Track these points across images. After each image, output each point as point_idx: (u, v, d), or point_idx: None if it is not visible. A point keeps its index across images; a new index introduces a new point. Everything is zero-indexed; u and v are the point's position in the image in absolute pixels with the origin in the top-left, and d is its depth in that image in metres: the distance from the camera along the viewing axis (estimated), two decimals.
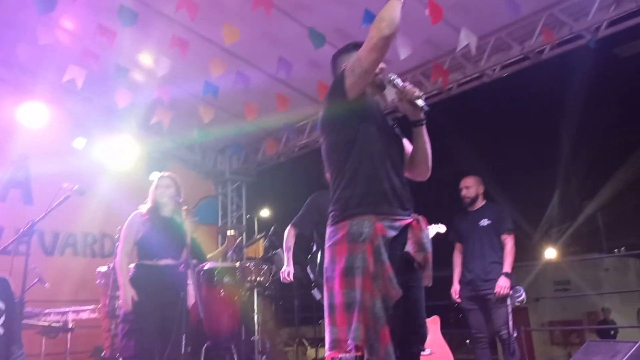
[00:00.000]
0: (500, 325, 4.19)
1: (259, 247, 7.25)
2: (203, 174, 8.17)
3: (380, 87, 2.40)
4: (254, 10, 4.38)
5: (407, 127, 2.45)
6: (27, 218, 4.43)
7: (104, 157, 6.39)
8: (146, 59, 5.68)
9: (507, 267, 4.28)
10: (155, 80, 5.63)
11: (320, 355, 7.28)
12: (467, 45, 4.83)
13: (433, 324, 4.25)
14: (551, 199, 14.72)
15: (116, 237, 4.47)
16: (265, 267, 4.91)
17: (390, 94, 5.72)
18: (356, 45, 2.40)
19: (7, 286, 3.74)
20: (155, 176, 3.98)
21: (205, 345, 4.32)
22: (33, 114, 5.87)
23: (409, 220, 2.16)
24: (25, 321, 4.12)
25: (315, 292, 3.78)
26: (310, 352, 7.28)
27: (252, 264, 4.84)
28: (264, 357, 4.62)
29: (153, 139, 7.16)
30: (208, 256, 5.19)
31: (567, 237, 14.90)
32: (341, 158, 2.22)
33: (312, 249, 4.02)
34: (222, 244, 7.91)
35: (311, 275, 3.80)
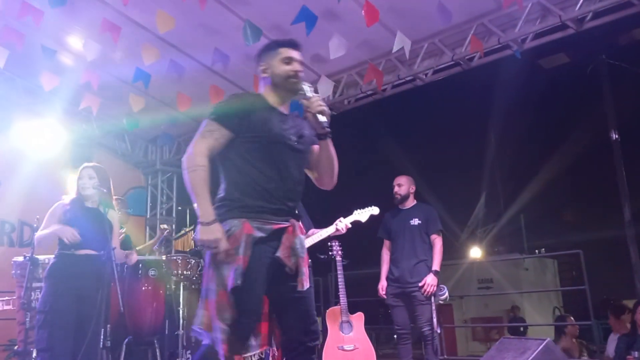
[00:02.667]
0: (423, 322, 4.33)
1: (189, 240, 7.14)
2: (132, 163, 7.93)
3: (293, 93, 2.42)
4: (190, 0, 4.30)
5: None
6: None
7: (25, 142, 6.07)
8: (75, 42, 5.44)
9: (436, 265, 4.44)
10: (84, 65, 5.41)
11: None
12: (401, 49, 4.96)
13: (357, 320, 4.35)
14: (478, 200, 15.37)
15: (35, 225, 4.27)
16: (193, 260, 4.84)
17: (323, 92, 5.82)
18: (278, 44, 2.43)
19: None
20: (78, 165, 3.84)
21: (126, 340, 4.22)
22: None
23: (283, 225, 2.25)
24: None
25: None
26: None
27: (179, 257, 4.76)
28: (189, 352, 4.56)
29: (80, 126, 6.87)
30: (137, 248, 5.06)
31: (491, 237, 15.58)
32: (226, 165, 2.34)
33: None
34: (151, 236, 7.74)
35: None
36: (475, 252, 15.08)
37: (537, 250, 13.80)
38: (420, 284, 4.32)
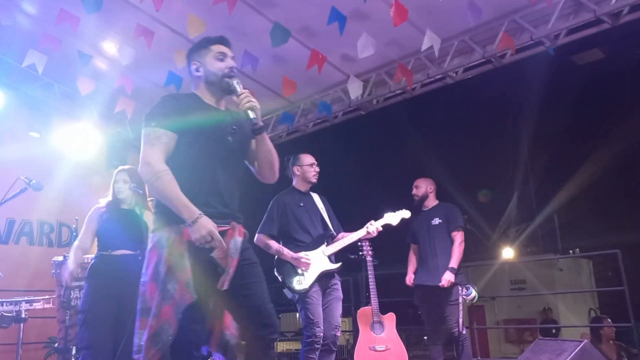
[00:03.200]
0: (452, 322, 4.30)
1: None
2: None
3: (227, 91, 2.41)
4: (220, 3, 4.36)
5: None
6: None
7: (63, 145, 6.25)
8: (110, 47, 5.58)
9: (453, 262, 4.41)
10: (118, 69, 5.54)
11: (279, 349, 7.33)
12: (431, 47, 4.93)
13: (389, 321, 4.34)
14: (509, 200, 15.11)
15: (74, 226, 4.41)
16: None
17: (353, 92, 5.83)
18: (209, 41, 2.46)
19: None
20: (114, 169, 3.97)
21: None
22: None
23: (221, 228, 2.23)
24: None
25: (286, 292, 3.80)
26: None
27: None
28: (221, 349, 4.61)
29: (114, 129, 7.04)
30: None
31: (524, 237, 15.30)
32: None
33: None
34: None
35: (279, 277, 3.81)
36: (508, 253, 14.84)
37: (571, 251, 13.52)
38: (440, 284, 4.30)
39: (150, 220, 3.79)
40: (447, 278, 4.31)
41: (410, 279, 4.68)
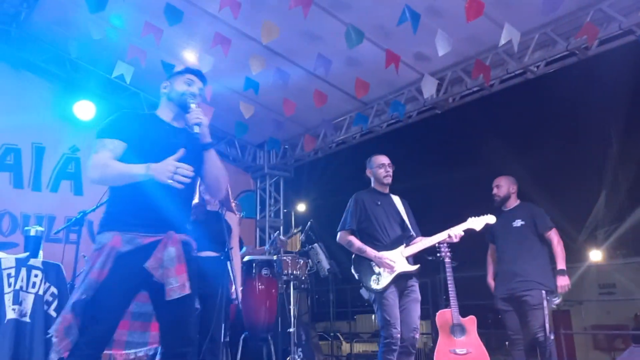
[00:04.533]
0: (536, 327, 4.13)
1: (296, 241, 7.35)
2: (242, 168, 8.33)
3: (182, 107, 2.50)
4: (294, 8, 4.45)
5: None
6: (77, 208, 4.66)
7: None
8: (190, 56, 5.84)
9: (560, 263, 4.23)
10: None
11: (355, 350, 7.34)
12: (509, 42, 4.76)
13: (470, 324, 4.22)
14: (597, 200, 14.27)
15: None
16: (302, 261, 4.98)
17: (427, 91, 5.74)
18: (187, 70, 2.62)
19: (60, 272, 3.96)
20: None
21: (243, 336, 4.44)
22: (83, 108, 6.12)
23: (155, 238, 2.30)
24: None
25: (363, 292, 3.81)
26: (345, 346, 7.34)
27: (289, 257, 4.92)
28: (300, 349, 4.70)
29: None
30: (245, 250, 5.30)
31: (614, 239, 14.43)
32: None
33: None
34: (261, 238, 8.08)
35: (356, 275, 3.83)
36: (595, 255, 14.03)
37: None
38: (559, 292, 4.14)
39: (234, 221, 3.94)
40: (562, 283, 4.15)
41: (491, 286, 4.52)
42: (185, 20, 4.79)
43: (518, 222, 4.40)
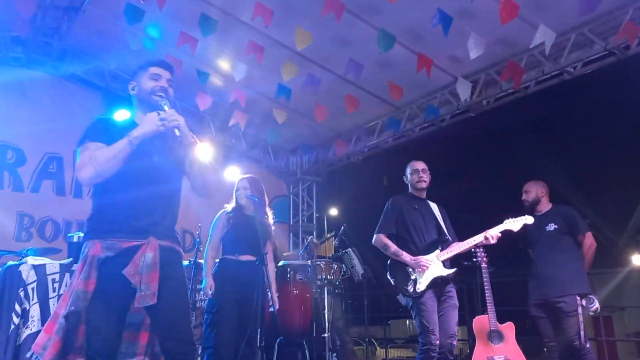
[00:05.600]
0: (572, 335, 4.01)
1: (330, 246, 7.36)
2: (275, 173, 8.39)
3: (154, 107, 2.38)
4: (326, 14, 4.48)
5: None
6: None
7: None
8: (224, 64, 5.94)
9: (586, 267, 4.17)
10: (232, 84, 5.87)
11: (390, 356, 7.29)
12: (542, 43, 4.68)
13: (508, 330, 4.14)
14: (638, 202, 13.80)
15: (197, 233, 4.73)
16: (335, 265, 4.99)
17: (462, 93, 5.68)
18: (149, 64, 2.49)
19: None
20: (236, 176, 4.24)
21: (278, 341, 4.47)
22: (123, 117, 6.28)
23: (135, 243, 2.24)
24: None
25: (401, 298, 3.80)
26: (380, 352, 7.29)
27: (323, 262, 4.94)
28: (334, 354, 4.70)
29: (230, 141, 7.47)
30: (284, 254, 5.35)
31: None
32: (94, 186, 2.40)
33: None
34: (294, 242, 8.13)
35: (392, 281, 3.81)
36: (637, 260, 13.57)
37: None
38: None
39: (269, 226, 3.99)
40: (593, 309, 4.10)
41: None
42: (219, 29, 4.88)
43: (551, 226, 4.31)
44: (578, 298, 4.05)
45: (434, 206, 3.99)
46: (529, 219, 3.88)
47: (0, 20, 5.54)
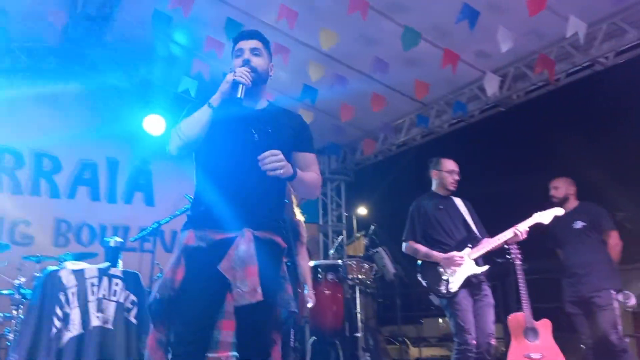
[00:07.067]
0: (607, 329, 3.96)
1: (360, 245, 7.35)
2: None
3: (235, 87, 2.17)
4: (351, 13, 4.48)
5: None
6: (149, 218, 4.88)
7: None
8: None
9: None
10: None
11: (423, 355, 7.23)
12: (575, 34, 4.58)
13: (544, 328, 4.08)
14: None
15: None
16: (366, 265, 4.99)
17: (490, 88, 5.59)
18: (233, 40, 2.36)
19: (139, 280, 4.16)
20: None
21: (311, 340, 4.48)
22: (153, 123, 6.41)
23: (228, 235, 2.08)
24: None
25: (433, 298, 3.77)
26: (413, 350, 7.25)
27: (354, 261, 4.94)
28: (368, 354, 4.70)
29: None
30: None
31: None
32: (194, 173, 2.28)
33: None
34: (324, 243, 8.14)
35: (424, 283, 3.78)
36: None
37: None
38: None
39: (302, 227, 3.99)
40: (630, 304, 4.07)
41: None
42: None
43: (578, 224, 4.30)
44: (613, 292, 4.03)
45: (459, 202, 3.93)
46: (559, 211, 3.84)
47: (34, 32, 5.70)
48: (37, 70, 6.22)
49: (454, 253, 3.66)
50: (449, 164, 3.96)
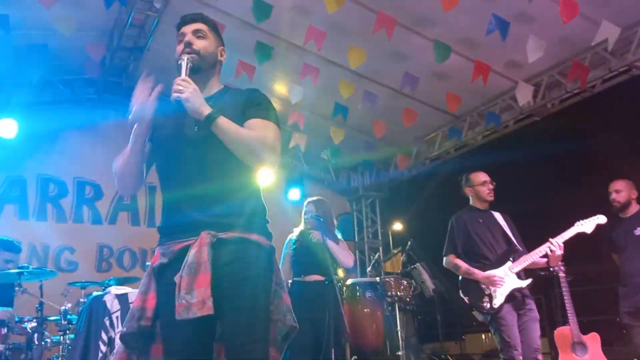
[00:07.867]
0: None
1: (397, 261, 7.28)
2: (338, 192, 8.42)
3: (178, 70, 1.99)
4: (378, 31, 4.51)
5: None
6: None
7: None
8: (281, 88, 6.08)
9: None
10: (289, 107, 6.00)
11: None
12: (606, 40, 4.49)
13: (592, 341, 3.94)
14: None
15: None
16: (405, 281, 4.93)
17: (523, 98, 5.52)
18: (176, 28, 2.13)
19: None
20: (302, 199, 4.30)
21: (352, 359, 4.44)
22: None
23: (187, 242, 1.82)
24: None
25: (477, 314, 3.69)
26: None
27: (392, 278, 4.89)
28: None
29: (290, 162, 7.60)
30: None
31: None
32: None
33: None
34: (361, 260, 8.09)
35: (466, 299, 3.71)
36: None
37: None
38: None
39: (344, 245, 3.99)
40: None
41: None
42: (273, 55, 5.01)
43: (639, 230, 4.07)
44: None
45: (498, 216, 3.86)
46: (601, 219, 3.66)
47: (74, 65, 5.93)
48: (78, 102, 6.46)
49: (494, 272, 3.58)
50: (480, 176, 3.89)
